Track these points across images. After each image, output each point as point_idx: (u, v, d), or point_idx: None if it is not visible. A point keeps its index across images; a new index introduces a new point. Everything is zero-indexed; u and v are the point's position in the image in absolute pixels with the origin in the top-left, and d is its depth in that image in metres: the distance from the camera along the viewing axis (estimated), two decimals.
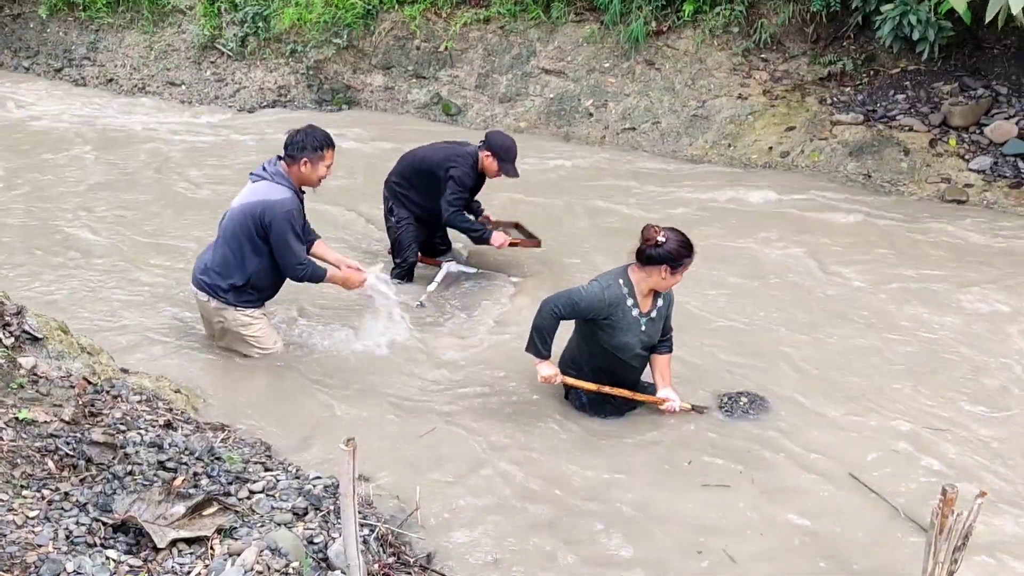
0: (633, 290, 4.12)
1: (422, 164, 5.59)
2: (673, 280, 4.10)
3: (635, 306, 4.13)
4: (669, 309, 4.33)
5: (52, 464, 3.02)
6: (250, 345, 4.76)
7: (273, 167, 4.53)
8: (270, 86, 10.36)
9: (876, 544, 3.57)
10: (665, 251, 3.99)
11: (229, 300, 4.62)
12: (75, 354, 3.92)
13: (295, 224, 4.50)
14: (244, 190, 4.59)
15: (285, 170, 4.52)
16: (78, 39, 11.54)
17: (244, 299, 4.65)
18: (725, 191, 7.43)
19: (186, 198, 7.34)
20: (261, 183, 4.52)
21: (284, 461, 3.70)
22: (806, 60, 8.68)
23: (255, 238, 4.50)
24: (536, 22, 9.57)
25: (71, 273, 5.85)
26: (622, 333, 4.15)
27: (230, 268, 4.56)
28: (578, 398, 4.44)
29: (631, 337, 4.17)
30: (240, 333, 4.71)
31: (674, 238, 4.04)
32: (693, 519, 3.69)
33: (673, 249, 4.00)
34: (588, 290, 4.11)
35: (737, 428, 4.33)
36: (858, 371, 4.83)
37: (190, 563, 2.67)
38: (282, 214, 4.42)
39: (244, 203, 4.50)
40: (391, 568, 3.03)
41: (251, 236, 4.49)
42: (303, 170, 4.52)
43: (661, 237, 4.00)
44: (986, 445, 4.22)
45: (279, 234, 4.45)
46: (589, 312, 4.10)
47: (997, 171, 7.27)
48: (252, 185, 4.56)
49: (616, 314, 4.10)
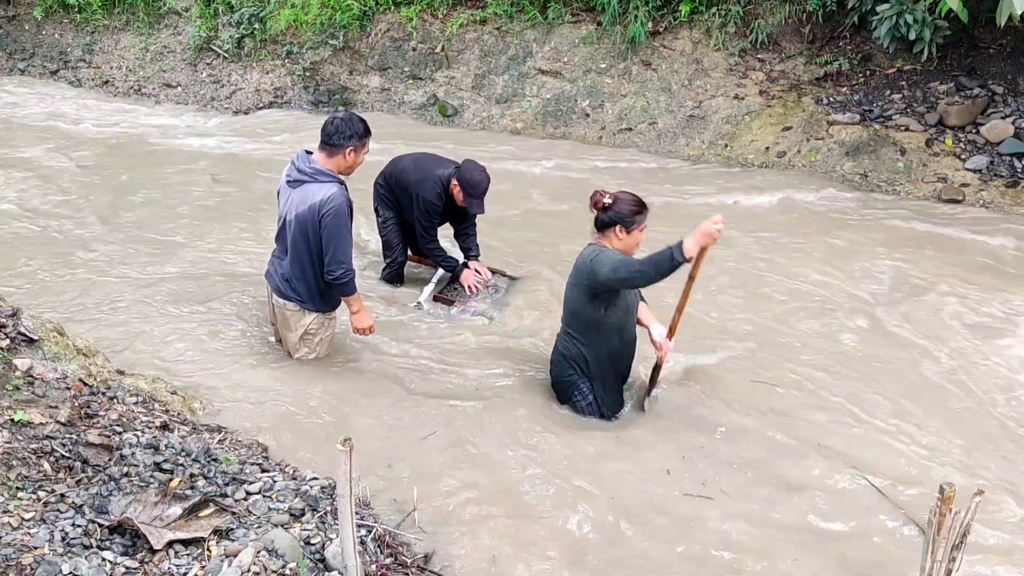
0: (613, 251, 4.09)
1: (402, 177, 5.51)
2: (632, 240, 4.07)
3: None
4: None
5: (48, 466, 3.01)
6: (314, 347, 4.77)
7: (309, 166, 4.37)
8: (266, 88, 10.35)
9: (874, 542, 3.57)
10: (615, 212, 4.02)
11: (317, 306, 4.63)
12: (71, 356, 3.91)
13: (347, 218, 4.39)
14: (291, 197, 4.42)
15: (323, 162, 4.38)
16: (74, 41, 11.52)
17: (329, 303, 4.67)
18: (721, 191, 7.45)
19: (180, 198, 7.32)
20: (304, 187, 4.36)
21: (281, 462, 3.69)
22: (802, 60, 8.68)
23: (320, 240, 4.40)
24: (532, 23, 9.57)
25: (68, 274, 5.83)
26: (623, 312, 4.21)
27: (311, 273, 4.51)
28: (584, 397, 4.42)
29: (631, 315, 4.27)
30: (314, 335, 4.73)
31: (622, 198, 4.05)
32: (694, 519, 3.69)
33: (622, 208, 4.01)
34: (606, 261, 3.96)
35: (737, 425, 4.34)
36: (856, 370, 4.84)
37: (187, 564, 2.66)
38: (334, 210, 4.29)
39: (298, 213, 4.35)
40: (388, 569, 3.02)
41: (311, 244, 4.41)
42: (347, 159, 4.37)
43: (607, 199, 4.04)
44: (982, 443, 4.23)
45: (332, 229, 4.32)
46: (612, 274, 3.96)
47: (993, 170, 7.28)
48: (296, 192, 4.39)
49: (621, 263, 4.01)
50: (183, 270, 5.94)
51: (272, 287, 4.71)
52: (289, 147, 8.48)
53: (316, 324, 4.71)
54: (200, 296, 5.53)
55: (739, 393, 4.62)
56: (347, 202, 4.41)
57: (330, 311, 4.74)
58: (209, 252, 6.27)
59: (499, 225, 6.54)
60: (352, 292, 4.58)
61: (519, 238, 6.50)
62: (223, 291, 5.61)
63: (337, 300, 4.73)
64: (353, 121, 4.37)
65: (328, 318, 4.76)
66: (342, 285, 4.50)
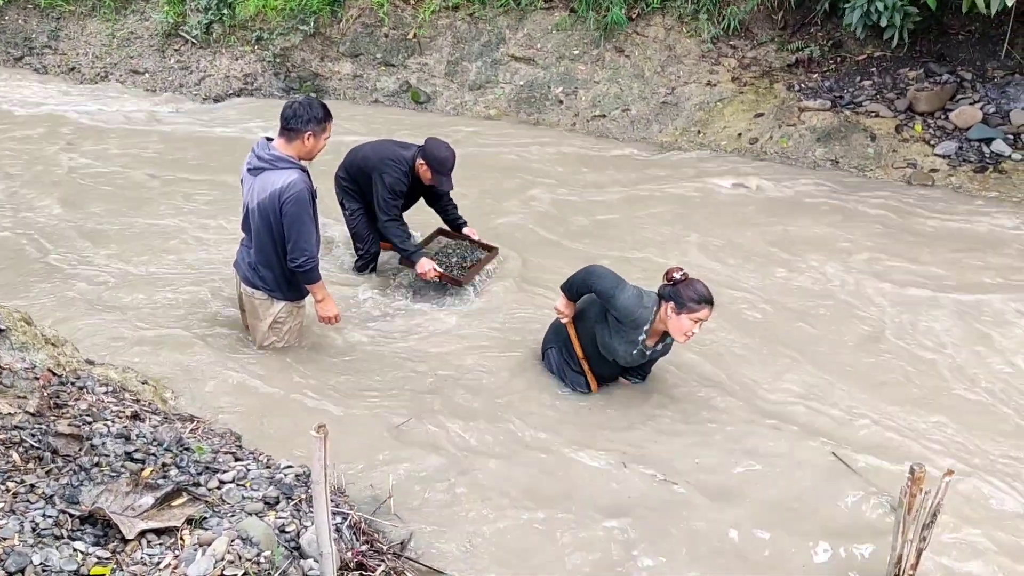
0: (654, 321, 4.18)
1: (363, 163, 5.46)
2: (677, 323, 4.06)
3: (645, 332, 4.20)
4: (661, 356, 4.46)
5: (17, 456, 2.97)
6: (283, 336, 4.74)
7: (268, 152, 4.31)
8: (236, 74, 10.23)
9: (846, 520, 3.61)
10: (672, 289, 4.08)
11: (285, 294, 4.60)
12: (39, 345, 3.85)
13: (308, 204, 4.34)
14: (253, 185, 4.35)
15: (282, 148, 4.32)
16: (38, 27, 11.31)
17: (293, 292, 4.63)
18: (694, 177, 7.47)
19: (146, 187, 7.23)
20: (264, 174, 4.30)
21: (254, 451, 3.66)
22: (774, 47, 8.72)
23: (279, 232, 4.37)
24: (505, 9, 9.52)
25: (35, 264, 5.75)
26: (618, 340, 4.26)
27: (277, 261, 4.46)
28: (552, 362, 4.58)
29: (621, 349, 4.27)
30: (282, 324, 4.70)
31: (689, 282, 4.08)
32: (673, 498, 3.71)
33: (683, 291, 4.04)
34: (630, 296, 4.16)
35: (718, 405, 4.37)
36: (832, 352, 4.89)
37: (159, 554, 2.64)
38: (293, 197, 4.23)
39: (260, 201, 4.30)
40: (364, 556, 3.01)
41: (274, 232, 4.36)
42: (306, 144, 4.31)
43: (678, 275, 4.09)
44: (952, 423, 4.29)
45: (292, 216, 4.27)
46: (618, 311, 4.16)
47: (962, 156, 7.36)
48: (257, 179, 4.33)
49: (629, 326, 4.19)
50: (151, 259, 5.87)
51: (240, 276, 4.67)
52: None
53: (284, 313, 4.68)
54: (170, 285, 5.47)
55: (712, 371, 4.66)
56: (308, 188, 4.35)
57: (298, 299, 4.71)
58: (177, 241, 6.20)
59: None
60: (316, 280, 4.54)
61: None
62: (193, 280, 5.55)
63: (305, 289, 4.70)
64: (312, 105, 4.30)
65: (296, 307, 4.73)
66: (305, 273, 4.45)
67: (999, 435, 4.22)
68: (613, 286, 4.17)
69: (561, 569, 3.35)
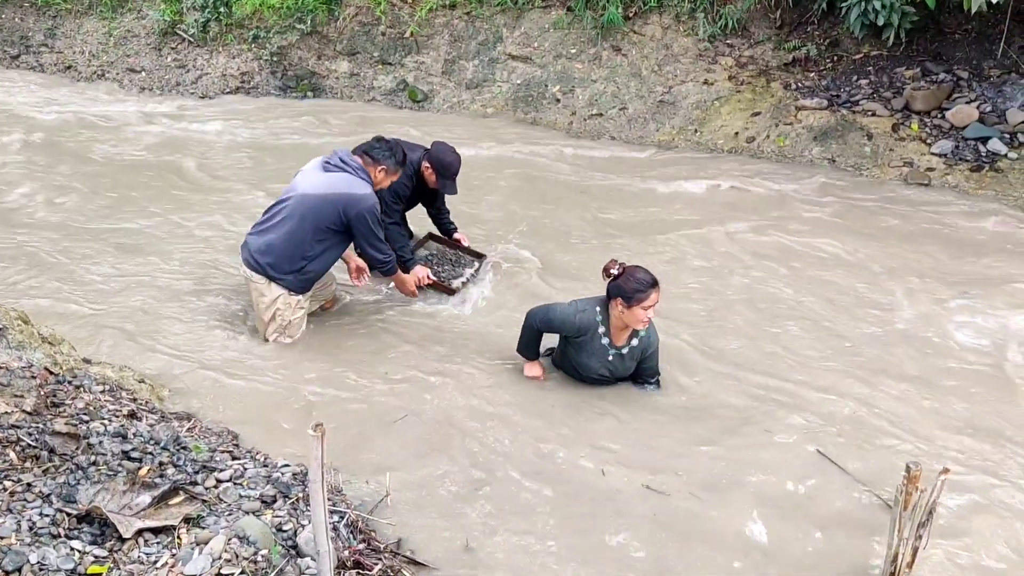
0: (608, 320, 4.19)
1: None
2: (632, 316, 4.06)
3: (606, 335, 4.22)
4: (648, 353, 4.34)
5: (14, 455, 2.97)
6: (284, 328, 4.80)
7: (354, 161, 4.62)
8: (233, 72, 10.21)
9: (841, 521, 3.62)
10: (615, 284, 4.04)
11: (287, 284, 4.68)
12: (36, 344, 3.85)
13: (380, 220, 4.68)
14: (318, 177, 4.60)
15: (364, 167, 4.65)
16: (35, 25, 11.28)
17: (299, 285, 4.72)
18: (692, 177, 7.47)
19: (147, 186, 7.22)
20: (342, 175, 4.56)
21: (252, 449, 3.67)
22: (771, 46, 8.73)
23: (330, 227, 4.57)
24: (502, 8, 9.52)
25: (34, 263, 5.74)
26: (586, 355, 4.31)
27: (294, 252, 4.60)
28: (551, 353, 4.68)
29: (594, 362, 4.31)
30: (283, 317, 4.76)
31: (629, 273, 4.03)
32: (666, 498, 3.72)
33: (625, 284, 4.00)
34: (563, 310, 4.27)
35: (709, 404, 4.38)
36: (823, 352, 4.90)
37: (157, 553, 2.64)
38: (369, 210, 4.55)
39: (326, 192, 4.53)
40: (361, 554, 3.02)
41: (325, 224, 4.56)
42: (378, 176, 4.69)
43: (614, 270, 4.05)
44: (950, 424, 4.30)
45: (368, 230, 4.60)
46: (561, 329, 4.31)
47: (958, 155, 7.37)
48: (329, 175, 4.57)
49: (584, 336, 4.24)
50: (148, 258, 5.86)
51: (243, 258, 4.76)
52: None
53: (283, 303, 4.72)
54: (168, 284, 5.47)
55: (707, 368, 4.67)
56: (378, 207, 4.67)
57: (297, 293, 4.76)
58: (176, 240, 6.19)
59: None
60: (394, 273, 4.99)
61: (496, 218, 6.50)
62: (191, 280, 5.55)
63: (307, 287, 4.76)
64: (396, 148, 4.77)
65: (295, 300, 4.77)
66: (391, 271, 4.93)
67: (999, 434, 4.23)
68: (545, 312, 4.30)
69: (560, 569, 3.35)
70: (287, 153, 7.95)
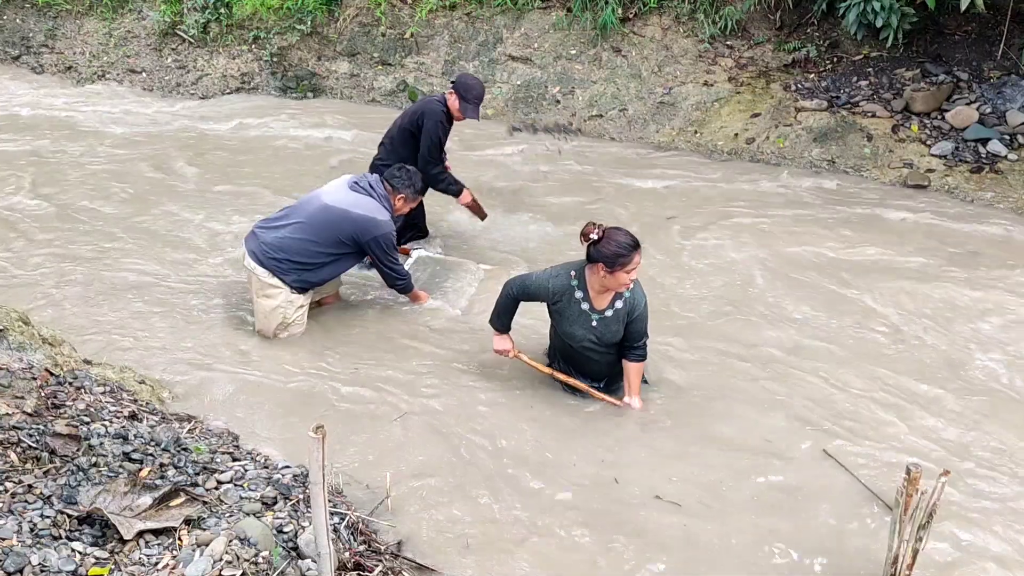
0: (585, 284, 4.13)
1: (404, 124, 5.64)
2: (615, 280, 3.97)
3: (585, 299, 4.15)
4: (635, 315, 4.18)
5: (15, 456, 2.97)
6: (284, 327, 4.87)
7: (382, 189, 4.88)
8: (233, 73, 10.22)
9: (842, 522, 3.62)
10: (596, 249, 3.94)
11: (291, 282, 4.78)
12: (36, 345, 3.85)
13: (394, 245, 4.92)
14: (345, 194, 4.81)
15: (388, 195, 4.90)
16: (36, 26, 11.29)
17: (303, 286, 4.83)
18: (691, 177, 7.48)
19: (148, 187, 7.23)
20: (368, 199, 4.80)
21: (252, 451, 3.67)
22: (771, 47, 8.73)
23: (342, 243, 4.77)
24: (502, 8, 9.52)
25: (33, 263, 5.74)
26: (568, 323, 4.25)
27: (305, 255, 4.75)
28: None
29: (578, 329, 4.23)
30: (285, 316, 4.83)
31: (609, 236, 3.91)
32: (669, 503, 3.72)
33: (606, 248, 3.90)
34: (538, 276, 4.28)
35: (706, 404, 4.38)
36: (824, 351, 4.90)
37: (158, 554, 2.64)
38: (384, 237, 4.80)
39: (350, 210, 4.75)
40: (362, 556, 3.02)
41: (339, 239, 4.77)
42: (398, 203, 4.96)
43: (594, 234, 3.92)
44: (948, 424, 4.30)
45: (383, 253, 4.85)
46: (537, 295, 4.28)
47: (958, 156, 7.37)
48: (356, 195, 4.81)
49: (562, 302, 4.20)
50: (148, 259, 5.87)
51: (249, 250, 4.82)
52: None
53: (284, 299, 4.79)
54: (168, 285, 5.47)
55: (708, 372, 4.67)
56: (395, 235, 4.93)
57: (298, 292, 4.83)
58: (176, 240, 6.20)
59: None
60: (412, 289, 5.20)
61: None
62: (191, 280, 5.55)
63: (308, 287, 4.84)
64: (416, 177, 5.02)
65: (296, 298, 4.83)
66: (407, 290, 5.16)
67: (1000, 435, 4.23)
68: (522, 279, 4.32)
69: (560, 570, 3.36)
70: (287, 154, 7.96)
